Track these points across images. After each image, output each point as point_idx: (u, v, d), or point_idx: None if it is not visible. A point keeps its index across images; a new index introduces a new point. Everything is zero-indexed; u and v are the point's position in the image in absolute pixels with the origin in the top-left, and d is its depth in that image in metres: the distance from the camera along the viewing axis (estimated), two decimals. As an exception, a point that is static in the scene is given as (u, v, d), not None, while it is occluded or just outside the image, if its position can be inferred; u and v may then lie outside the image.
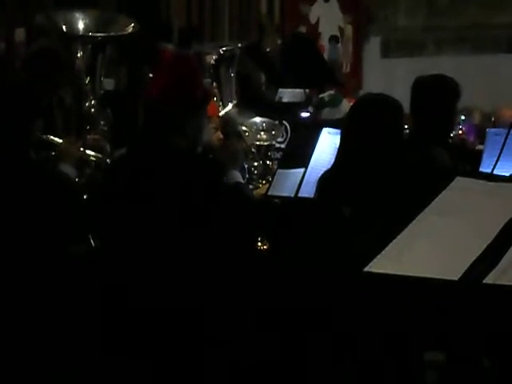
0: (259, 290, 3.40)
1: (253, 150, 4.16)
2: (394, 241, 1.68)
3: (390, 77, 8.03)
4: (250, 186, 3.92)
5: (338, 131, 3.46)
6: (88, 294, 3.30)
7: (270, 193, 3.87)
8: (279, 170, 3.95)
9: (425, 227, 1.71)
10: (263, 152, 4.20)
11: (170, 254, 3.08)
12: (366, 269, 1.60)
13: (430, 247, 1.68)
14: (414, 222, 1.71)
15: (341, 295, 2.71)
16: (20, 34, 6.30)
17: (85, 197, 3.58)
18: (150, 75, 4.47)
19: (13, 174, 3.27)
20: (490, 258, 1.63)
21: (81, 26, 3.86)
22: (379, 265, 1.61)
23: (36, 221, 3.26)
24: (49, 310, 3.26)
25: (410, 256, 1.65)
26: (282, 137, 4.55)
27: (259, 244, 3.77)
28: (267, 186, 3.98)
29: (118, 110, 4.36)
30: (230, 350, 3.14)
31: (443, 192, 1.75)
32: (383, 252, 1.63)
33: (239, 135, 4.18)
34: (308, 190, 3.60)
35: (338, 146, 3.35)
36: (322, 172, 3.36)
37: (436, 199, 1.74)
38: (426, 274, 1.62)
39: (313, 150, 3.81)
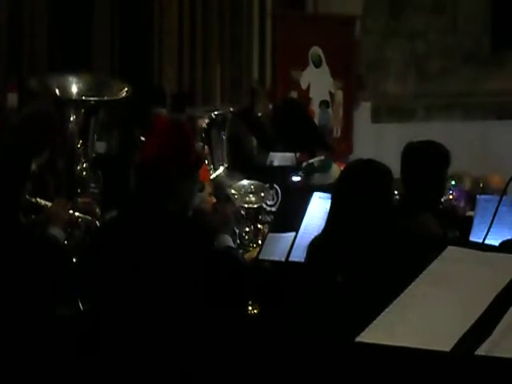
0: (249, 354, 3.37)
1: (242, 212, 4.17)
2: (386, 310, 1.67)
3: (380, 142, 8.08)
4: (241, 250, 3.91)
5: (329, 196, 3.47)
6: (74, 357, 3.27)
7: (260, 257, 3.87)
8: (270, 234, 3.95)
9: (416, 297, 1.70)
10: (253, 215, 4.21)
11: (159, 317, 3.06)
12: (358, 339, 1.59)
13: (422, 317, 1.67)
14: (405, 291, 1.70)
15: (331, 364, 2.68)
16: (12, 98, 6.34)
17: (74, 260, 3.57)
18: (142, 139, 4.49)
19: (1, 236, 3.26)
20: (482, 328, 1.62)
21: (74, 89, 3.89)
22: (371, 335, 1.59)
23: (24, 283, 3.25)
24: (34, 372, 3.23)
25: (402, 326, 1.64)
26: (273, 200, 4.56)
27: (250, 308, 3.75)
28: (258, 249, 3.98)
29: (109, 173, 4.38)
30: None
31: (434, 262, 1.74)
32: (375, 322, 1.62)
33: (228, 198, 4.19)
34: (299, 255, 3.60)
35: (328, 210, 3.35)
36: (312, 236, 3.35)
37: (427, 269, 1.74)
38: (418, 344, 1.60)
39: (304, 215, 3.82)
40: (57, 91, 3.89)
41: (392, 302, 1.70)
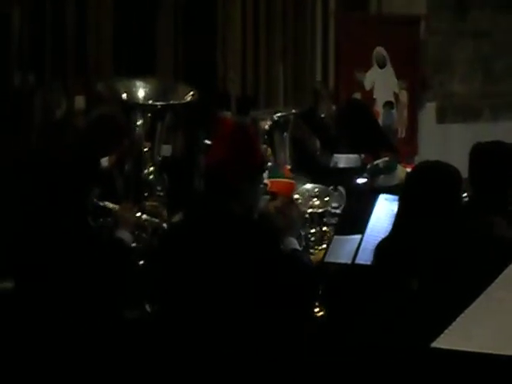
0: (315, 356, 3.37)
1: (306, 216, 4.15)
2: (462, 315, 1.64)
3: (446, 143, 7.99)
4: (307, 253, 3.90)
5: (395, 197, 3.44)
6: (141, 359, 3.30)
7: (326, 259, 3.85)
8: (335, 237, 3.93)
9: (493, 302, 1.66)
10: (317, 218, 4.19)
11: (227, 320, 3.07)
12: (434, 344, 1.56)
13: (499, 322, 1.63)
14: (481, 296, 1.67)
15: (404, 371, 2.65)
16: (80, 101, 6.44)
17: (141, 262, 3.60)
18: (206, 142, 4.51)
19: (71, 240, 3.30)
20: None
21: (141, 94, 3.92)
22: (447, 340, 1.56)
23: (92, 285, 3.29)
24: (102, 373, 3.27)
25: (479, 331, 1.61)
26: (337, 202, 4.53)
27: (316, 310, 3.74)
28: (323, 251, 3.96)
29: (174, 176, 4.40)
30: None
31: (510, 266, 1.71)
32: (451, 327, 1.59)
33: (292, 201, 4.17)
34: (365, 257, 3.57)
35: (395, 212, 3.32)
36: (379, 239, 3.33)
37: (503, 273, 1.70)
38: (495, 350, 1.57)
39: (369, 217, 3.79)
40: (124, 95, 3.92)
41: (468, 306, 1.67)
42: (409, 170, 4.29)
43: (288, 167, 4.73)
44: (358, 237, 3.78)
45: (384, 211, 3.76)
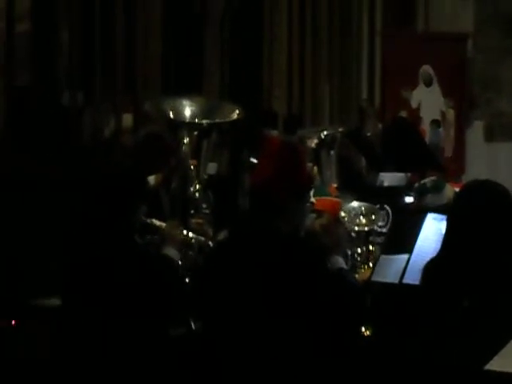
0: (361, 376, 3.33)
1: (352, 234, 4.13)
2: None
3: (494, 161, 7.91)
4: (353, 272, 3.87)
5: (444, 217, 3.40)
6: (186, 377, 3.30)
7: (373, 278, 3.82)
8: (382, 256, 3.90)
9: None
10: (363, 237, 4.16)
11: (272, 339, 3.06)
12: (488, 366, 1.52)
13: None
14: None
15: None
16: (128, 119, 6.50)
17: (187, 280, 3.61)
18: (252, 160, 4.52)
19: (119, 257, 3.32)
20: None
21: (187, 113, 3.94)
22: (502, 362, 1.53)
23: (139, 302, 3.30)
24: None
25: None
26: (383, 221, 4.50)
27: (363, 330, 3.70)
28: (369, 270, 3.93)
29: (219, 194, 4.42)
30: None
31: None
32: (505, 349, 1.55)
33: (338, 220, 4.15)
34: (412, 277, 3.53)
35: (443, 232, 3.28)
36: (427, 259, 3.28)
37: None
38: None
39: (417, 236, 3.75)
40: (171, 114, 3.95)
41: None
42: (457, 189, 4.25)
43: (334, 185, 4.71)
44: (405, 256, 3.74)
45: (432, 231, 3.72)
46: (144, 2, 6.79)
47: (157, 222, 3.67)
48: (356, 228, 4.17)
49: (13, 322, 4.47)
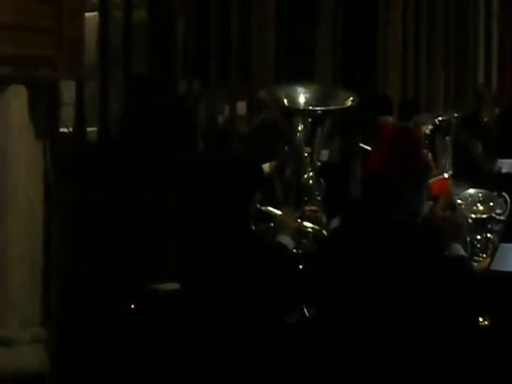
0: (480, 366, 3.29)
1: (469, 222, 4.06)
2: None
3: None
4: (471, 260, 3.81)
5: None
6: (298, 364, 3.32)
7: (492, 267, 3.75)
8: (502, 244, 3.83)
9: None
10: (480, 224, 4.09)
11: (388, 326, 3.05)
12: None
13: None
14: None
15: None
16: (242, 107, 6.56)
17: (300, 267, 3.62)
18: (364, 146, 4.49)
19: (235, 244, 3.37)
20: None
21: (301, 100, 3.94)
22: None
23: (255, 290, 3.34)
24: (264, 377, 3.32)
25: None
26: (501, 209, 4.41)
27: (480, 319, 3.65)
28: (488, 259, 3.86)
29: (331, 181, 4.41)
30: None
31: None
32: None
33: (454, 207, 4.09)
34: (533, 266, 3.46)
35: None
36: (547, 248, 3.21)
37: None
38: None
39: (538, 224, 3.67)
40: (285, 101, 3.96)
41: None
42: None
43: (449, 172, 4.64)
44: (526, 245, 3.66)
45: (554, 219, 3.63)
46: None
47: (272, 210, 3.70)
48: (473, 216, 4.10)
49: (132, 306, 4.62)
